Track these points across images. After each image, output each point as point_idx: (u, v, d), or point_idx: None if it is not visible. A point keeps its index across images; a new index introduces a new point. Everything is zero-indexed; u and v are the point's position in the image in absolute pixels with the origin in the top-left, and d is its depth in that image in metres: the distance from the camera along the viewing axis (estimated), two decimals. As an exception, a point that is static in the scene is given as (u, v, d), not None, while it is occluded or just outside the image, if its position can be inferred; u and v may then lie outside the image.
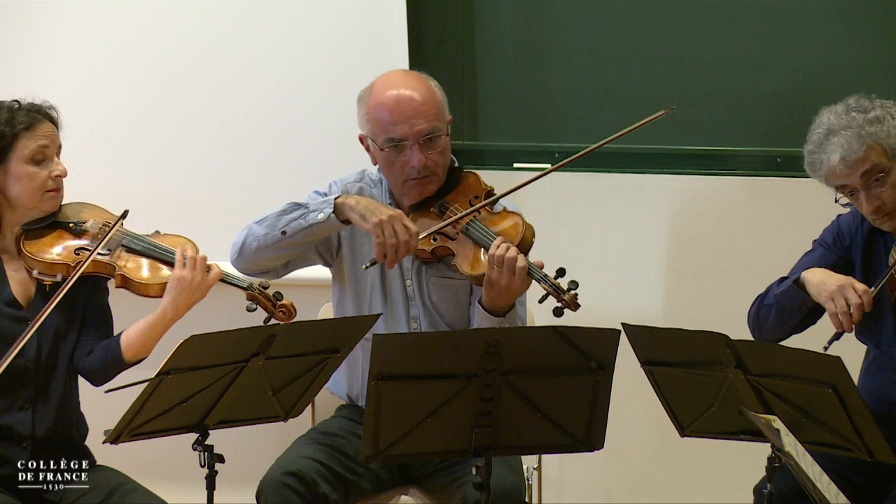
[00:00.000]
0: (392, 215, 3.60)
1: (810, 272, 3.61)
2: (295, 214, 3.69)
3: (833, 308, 3.50)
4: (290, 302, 3.60)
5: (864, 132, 3.53)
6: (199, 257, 3.56)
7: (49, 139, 3.57)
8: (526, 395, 3.18)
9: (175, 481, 3.99)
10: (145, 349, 3.58)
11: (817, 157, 3.58)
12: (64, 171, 3.58)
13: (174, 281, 3.53)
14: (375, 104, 3.74)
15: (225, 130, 4.61)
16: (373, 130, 3.75)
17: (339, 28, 4.57)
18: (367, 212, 3.62)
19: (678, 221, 4.64)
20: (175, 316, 3.55)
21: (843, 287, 3.50)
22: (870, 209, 3.56)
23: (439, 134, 3.73)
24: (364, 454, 3.19)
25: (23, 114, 3.54)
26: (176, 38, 4.59)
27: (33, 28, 4.59)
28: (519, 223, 3.68)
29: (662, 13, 4.60)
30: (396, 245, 3.58)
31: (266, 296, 3.59)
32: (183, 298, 3.53)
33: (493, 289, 3.59)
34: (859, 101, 3.60)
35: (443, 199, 3.75)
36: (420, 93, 3.73)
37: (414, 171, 3.71)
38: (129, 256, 3.60)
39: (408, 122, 3.70)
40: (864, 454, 3.16)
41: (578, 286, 3.51)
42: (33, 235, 3.59)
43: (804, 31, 4.53)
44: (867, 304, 3.49)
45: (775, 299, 3.64)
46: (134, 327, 3.58)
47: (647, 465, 4.68)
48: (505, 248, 3.55)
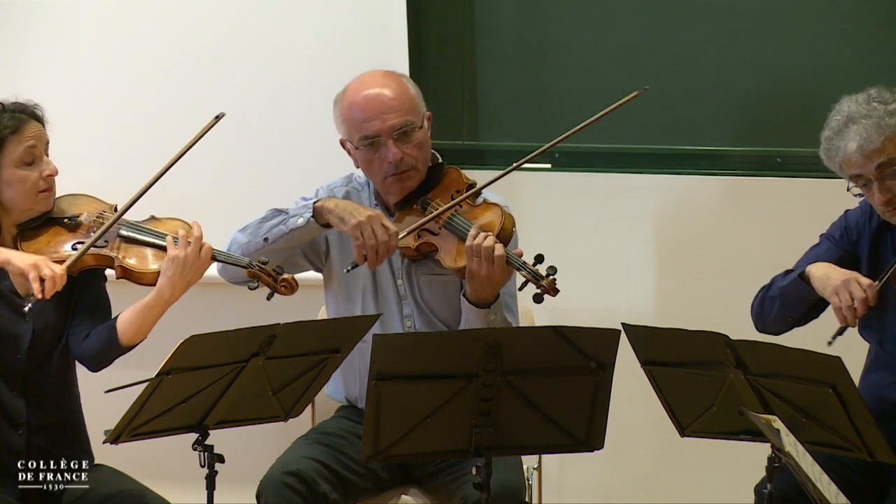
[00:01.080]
0: (371, 216, 3.61)
1: (815, 266, 3.60)
2: (276, 220, 3.70)
3: (837, 302, 3.49)
4: (292, 276, 3.57)
5: (883, 123, 3.52)
6: (196, 236, 3.51)
7: (36, 139, 3.54)
8: (526, 395, 3.18)
9: (175, 481, 3.99)
10: (142, 332, 3.54)
11: (834, 144, 3.57)
12: (55, 171, 3.56)
13: (168, 261, 3.48)
14: (348, 105, 3.75)
15: (223, 130, 4.59)
16: (348, 131, 3.77)
17: (338, 28, 4.57)
18: (346, 213, 3.62)
19: (677, 221, 4.64)
20: (171, 296, 3.50)
21: (847, 281, 3.50)
22: (881, 201, 3.55)
23: (413, 127, 3.73)
24: (364, 454, 3.19)
25: (7, 117, 3.51)
26: (172, 37, 4.59)
27: (27, 23, 4.59)
28: (499, 213, 3.68)
29: (662, 13, 4.60)
30: (376, 245, 3.58)
31: (266, 271, 3.55)
32: (178, 278, 3.48)
33: (474, 280, 3.59)
34: (881, 92, 3.59)
35: (425, 195, 3.76)
36: (391, 89, 3.74)
37: (391, 167, 3.72)
38: (127, 246, 3.58)
39: (379, 117, 3.71)
40: (864, 454, 3.16)
41: (556, 271, 3.51)
42: (29, 235, 3.58)
43: (804, 31, 4.53)
44: (871, 298, 3.48)
45: (779, 291, 3.64)
46: (130, 309, 3.54)
47: (647, 465, 4.68)
48: (482, 237, 3.56)
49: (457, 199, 3.70)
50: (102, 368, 3.58)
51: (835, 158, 3.58)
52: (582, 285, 4.49)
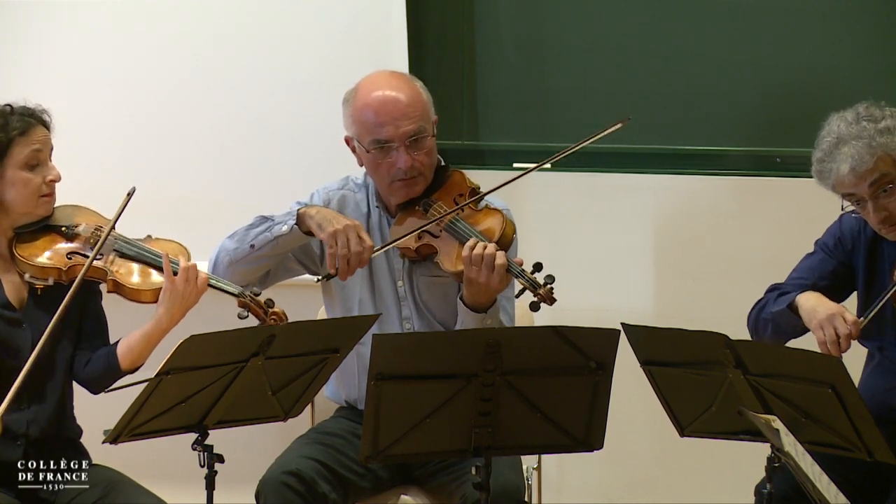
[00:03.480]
0: (348, 225, 3.61)
1: (804, 297, 3.58)
2: (262, 227, 3.70)
3: (822, 337, 3.47)
4: (282, 310, 3.58)
5: (874, 143, 3.50)
6: (190, 266, 3.54)
7: (42, 143, 3.55)
8: (525, 396, 3.18)
9: (174, 481, 3.99)
10: (142, 358, 3.59)
11: (826, 167, 3.56)
12: (58, 176, 3.57)
13: (165, 292, 3.52)
14: (361, 105, 3.74)
15: (221, 132, 4.61)
16: (358, 132, 3.75)
17: (338, 28, 4.57)
18: (325, 221, 3.63)
19: (677, 222, 4.64)
20: (170, 325, 3.54)
21: (832, 316, 3.47)
22: (877, 220, 3.54)
23: (425, 135, 3.73)
24: (364, 454, 3.19)
25: (16, 119, 3.53)
26: (171, 39, 4.59)
27: (29, 27, 4.59)
28: (500, 220, 3.68)
29: (662, 13, 4.61)
30: (348, 255, 3.58)
31: (257, 303, 3.56)
32: (177, 307, 3.52)
33: (472, 286, 3.60)
34: (870, 109, 3.57)
35: (428, 197, 3.76)
36: (405, 94, 3.73)
37: (401, 173, 3.72)
38: (121, 262, 3.58)
39: (394, 123, 3.70)
40: (863, 454, 3.16)
41: (555, 280, 3.50)
42: (25, 239, 3.58)
43: (804, 31, 4.53)
44: (855, 333, 3.46)
45: (771, 317, 3.63)
46: (130, 337, 3.58)
47: (646, 466, 4.68)
48: (481, 246, 3.56)
49: (460, 203, 3.70)
50: (103, 391, 3.61)
51: (828, 180, 3.57)
52: (582, 285, 4.49)
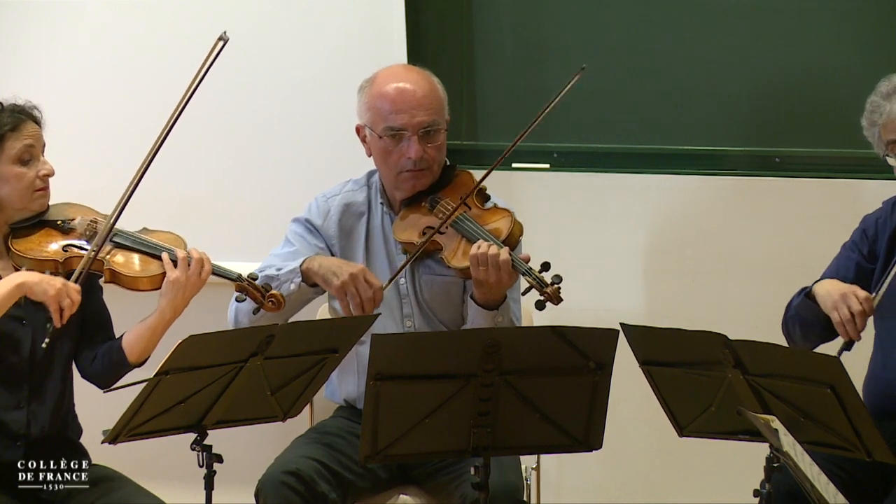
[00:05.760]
0: (353, 274, 3.64)
1: (820, 284, 3.63)
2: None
3: (837, 317, 3.50)
4: (280, 293, 3.61)
5: None
6: (194, 256, 3.55)
7: (34, 139, 3.56)
8: (524, 396, 3.18)
9: (173, 481, 3.99)
10: (148, 350, 3.60)
11: (879, 105, 3.64)
12: (51, 170, 3.57)
13: (168, 284, 3.53)
14: (377, 94, 3.79)
15: (219, 130, 4.60)
16: (372, 119, 3.79)
17: (337, 28, 4.57)
18: (329, 274, 3.66)
19: (676, 221, 4.64)
20: (174, 316, 3.56)
21: (844, 295, 3.51)
22: None
23: (438, 128, 3.78)
24: (363, 454, 3.20)
25: (7, 115, 3.53)
26: (169, 37, 4.58)
27: (25, 25, 4.59)
28: (508, 219, 3.71)
29: (662, 13, 4.60)
30: (361, 304, 3.62)
31: (255, 287, 3.59)
32: (180, 299, 3.54)
33: (482, 286, 3.63)
34: None
35: (435, 194, 3.77)
36: (422, 87, 3.79)
37: (410, 163, 3.75)
38: (117, 252, 3.60)
39: (409, 112, 3.75)
40: (862, 454, 3.16)
41: (562, 280, 3.52)
42: (21, 234, 3.58)
43: (804, 31, 4.53)
44: (869, 310, 3.49)
45: (795, 311, 3.68)
46: (135, 330, 3.59)
47: (645, 466, 4.68)
48: (486, 247, 3.57)
49: (468, 202, 3.73)
50: (112, 385, 3.61)
51: (878, 120, 3.64)
52: (581, 285, 4.47)
